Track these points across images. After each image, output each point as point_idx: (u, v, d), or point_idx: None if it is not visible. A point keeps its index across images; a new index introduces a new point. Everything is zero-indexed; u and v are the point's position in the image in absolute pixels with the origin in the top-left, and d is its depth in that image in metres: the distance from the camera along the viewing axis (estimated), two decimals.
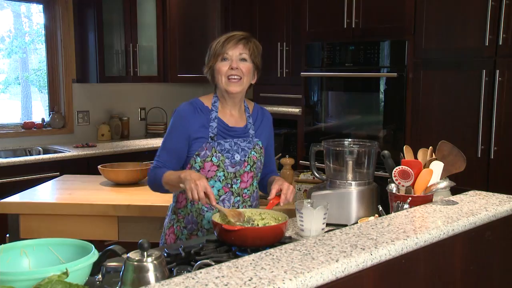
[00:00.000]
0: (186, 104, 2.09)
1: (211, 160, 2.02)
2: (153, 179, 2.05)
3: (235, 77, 2.03)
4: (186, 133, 2.03)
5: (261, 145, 2.14)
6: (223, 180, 2.04)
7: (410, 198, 1.98)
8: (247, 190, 2.10)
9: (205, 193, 1.83)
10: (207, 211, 2.07)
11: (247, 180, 2.09)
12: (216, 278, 1.22)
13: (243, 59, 2.04)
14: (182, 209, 2.11)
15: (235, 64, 2.02)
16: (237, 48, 2.03)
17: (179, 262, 1.64)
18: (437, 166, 2.07)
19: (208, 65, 2.08)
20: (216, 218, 1.83)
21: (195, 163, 2.03)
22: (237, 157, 2.06)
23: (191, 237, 2.08)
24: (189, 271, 1.47)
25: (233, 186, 2.06)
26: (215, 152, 2.03)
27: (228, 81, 2.03)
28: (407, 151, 2.20)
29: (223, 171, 2.03)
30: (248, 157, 2.08)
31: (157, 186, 2.05)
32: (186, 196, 1.99)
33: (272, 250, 1.43)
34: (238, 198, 2.08)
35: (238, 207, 2.07)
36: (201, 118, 2.05)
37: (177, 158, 2.06)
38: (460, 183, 2.27)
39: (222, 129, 2.07)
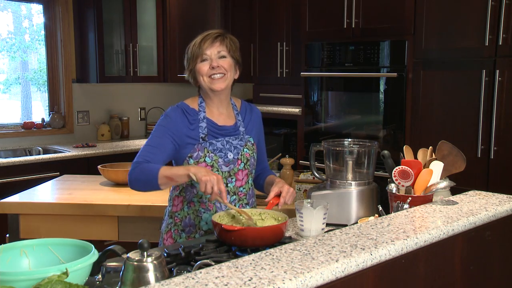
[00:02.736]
0: (174, 107, 2.08)
1: (204, 161, 2.01)
2: (141, 173, 1.92)
3: (218, 75, 2.02)
4: (173, 133, 2.00)
5: (252, 142, 2.14)
6: None
7: (410, 198, 1.97)
8: (243, 188, 2.10)
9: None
10: (204, 212, 2.06)
11: (242, 178, 2.09)
12: (216, 278, 1.22)
13: (223, 56, 2.03)
14: (179, 212, 2.10)
15: (215, 62, 2.01)
16: (214, 47, 2.02)
17: (179, 262, 1.64)
18: (437, 166, 2.07)
19: (189, 69, 2.07)
20: (216, 218, 1.83)
21: (188, 166, 2.02)
22: (230, 155, 2.05)
23: (188, 240, 2.07)
24: (189, 271, 1.47)
25: (229, 185, 2.06)
26: (208, 152, 2.02)
27: (211, 80, 2.03)
28: (407, 151, 2.19)
29: (217, 170, 2.02)
30: (241, 155, 2.08)
31: (145, 182, 1.92)
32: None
33: (272, 250, 1.43)
34: (234, 196, 2.08)
35: (235, 206, 2.06)
36: (190, 120, 2.04)
37: (160, 154, 1.97)
38: (460, 183, 2.27)
39: (212, 129, 2.06)
